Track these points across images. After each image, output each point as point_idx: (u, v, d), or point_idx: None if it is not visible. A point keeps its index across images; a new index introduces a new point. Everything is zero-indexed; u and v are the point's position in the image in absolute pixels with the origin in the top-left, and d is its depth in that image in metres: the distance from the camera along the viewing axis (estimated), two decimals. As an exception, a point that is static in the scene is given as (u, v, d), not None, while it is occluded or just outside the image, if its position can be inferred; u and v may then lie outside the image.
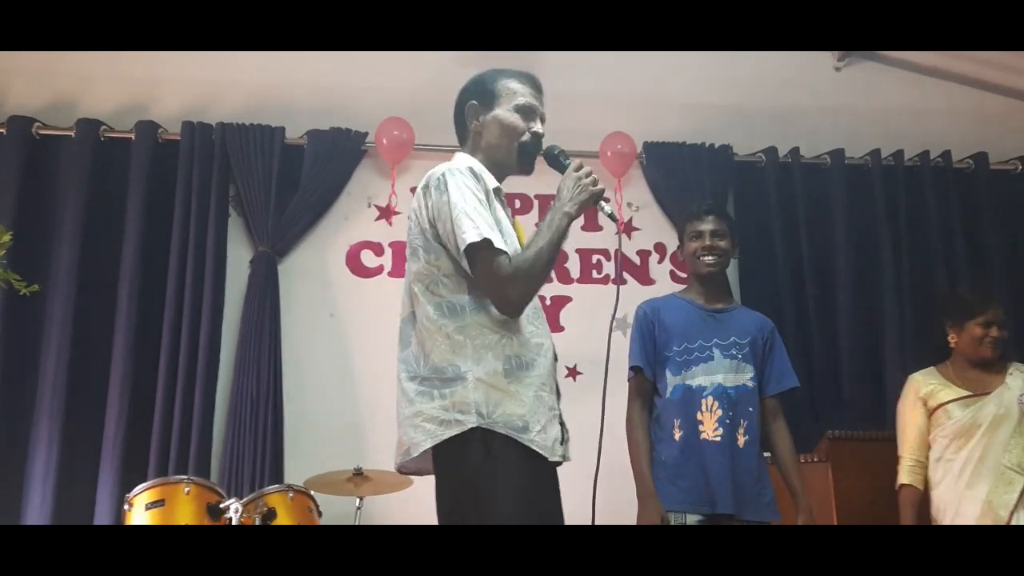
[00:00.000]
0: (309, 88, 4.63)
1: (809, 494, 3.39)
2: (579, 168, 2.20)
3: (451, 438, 1.96)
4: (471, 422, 1.96)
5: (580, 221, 4.61)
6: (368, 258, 4.57)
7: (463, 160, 2.24)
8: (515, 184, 4.58)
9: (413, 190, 4.54)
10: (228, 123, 4.48)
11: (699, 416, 2.66)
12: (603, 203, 2.18)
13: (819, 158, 4.88)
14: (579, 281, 4.66)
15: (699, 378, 2.70)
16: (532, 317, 2.12)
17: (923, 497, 3.18)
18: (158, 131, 4.44)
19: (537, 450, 1.97)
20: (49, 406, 4.03)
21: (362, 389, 4.31)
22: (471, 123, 2.29)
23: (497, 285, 2.01)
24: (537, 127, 2.27)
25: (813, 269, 4.69)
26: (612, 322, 2.32)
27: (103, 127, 4.42)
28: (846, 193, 4.80)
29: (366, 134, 4.59)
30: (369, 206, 4.63)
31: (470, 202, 2.05)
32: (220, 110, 4.57)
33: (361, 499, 3.77)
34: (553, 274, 4.59)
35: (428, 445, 1.99)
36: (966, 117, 5.08)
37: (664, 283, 4.62)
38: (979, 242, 4.83)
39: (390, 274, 4.49)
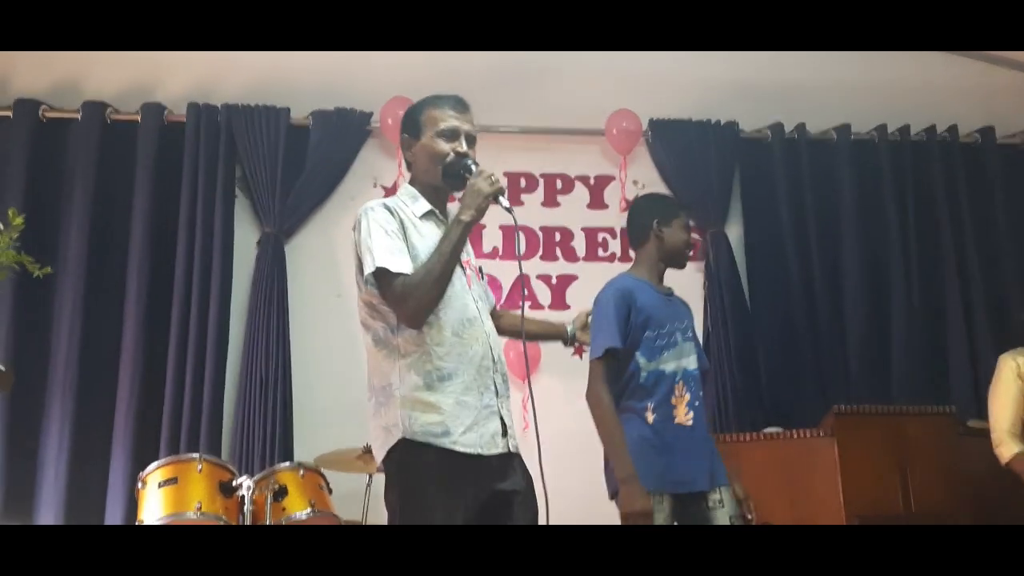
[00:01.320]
0: (313, 68, 4.62)
1: (815, 470, 3.45)
2: (479, 174, 2.32)
3: (389, 449, 2.24)
4: (398, 434, 2.22)
5: (586, 199, 4.73)
6: (375, 238, 4.57)
7: (402, 192, 2.46)
8: (520, 163, 4.68)
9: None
10: (233, 104, 4.49)
11: (673, 401, 2.68)
12: (501, 199, 2.30)
13: (825, 134, 4.87)
14: (585, 259, 4.67)
15: (670, 363, 2.71)
16: (459, 328, 2.29)
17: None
18: (164, 113, 4.45)
19: (462, 450, 2.20)
20: (61, 386, 4.07)
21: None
22: (406, 155, 2.49)
23: (394, 304, 2.25)
24: (461, 147, 2.38)
25: (819, 245, 4.70)
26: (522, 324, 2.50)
27: (109, 109, 4.43)
28: (852, 169, 4.79)
29: (371, 114, 4.59)
30: (375, 186, 4.64)
31: (375, 236, 2.27)
32: (225, 91, 4.57)
33: (371, 476, 3.80)
34: (559, 252, 4.62)
35: (380, 455, 2.29)
36: (973, 91, 5.06)
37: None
38: (986, 216, 4.82)
39: (397, 254, 4.51)
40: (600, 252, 4.69)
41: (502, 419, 2.30)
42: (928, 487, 3.45)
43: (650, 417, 2.67)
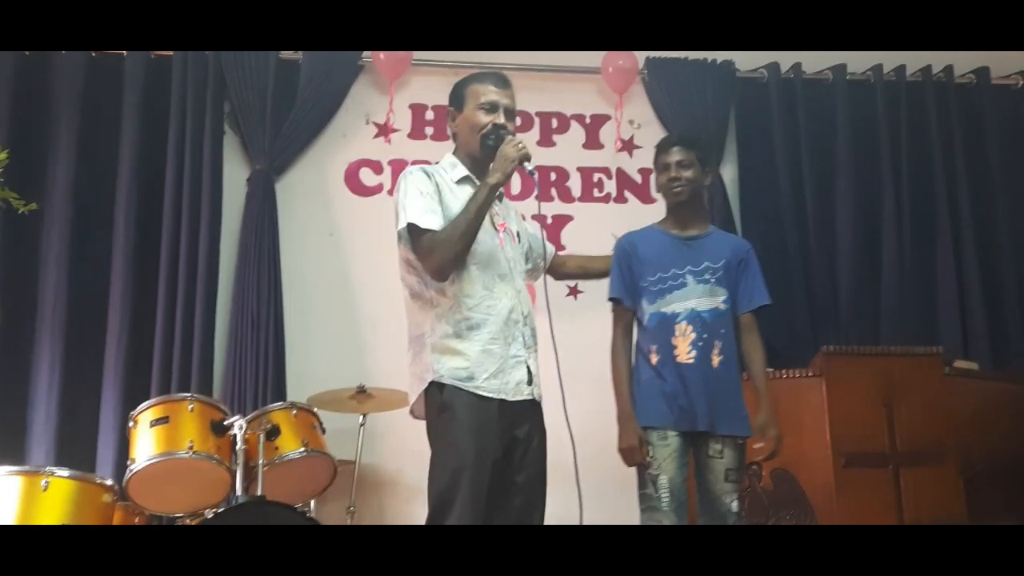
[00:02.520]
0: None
1: (804, 409, 3.49)
2: (508, 141, 2.52)
3: (423, 392, 2.47)
4: (429, 378, 2.45)
5: (581, 139, 4.69)
6: (367, 176, 4.55)
7: (444, 159, 2.67)
8: (518, 102, 4.58)
9: (412, 107, 4.58)
10: (221, 38, 4.41)
11: (673, 340, 2.78)
12: (526, 164, 2.52)
13: (821, 73, 4.82)
14: (580, 200, 4.64)
15: (673, 305, 2.81)
16: (489, 283, 2.50)
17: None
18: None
19: (486, 395, 2.41)
20: (50, 325, 4.04)
21: (363, 308, 4.33)
22: (450, 127, 2.70)
23: (422, 258, 2.46)
24: (499, 119, 2.57)
25: (814, 184, 4.68)
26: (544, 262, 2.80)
27: (94, 43, 4.34)
28: (848, 108, 4.76)
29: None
30: (367, 123, 4.58)
31: (410, 196, 2.48)
32: (213, 25, 4.49)
33: (364, 416, 3.83)
34: (554, 192, 4.60)
35: (413, 398, 2.52)
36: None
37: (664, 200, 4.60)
38: (979, 158, 4.81)
39: (389, 192, 4.45)
40: (596, 192, 4.66)
41: (529, 369, 2.51)
42: (913, 426, 3.50)
43: (654, 358, 2.80)
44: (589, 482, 2.55)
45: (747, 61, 4.78)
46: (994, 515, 3.41)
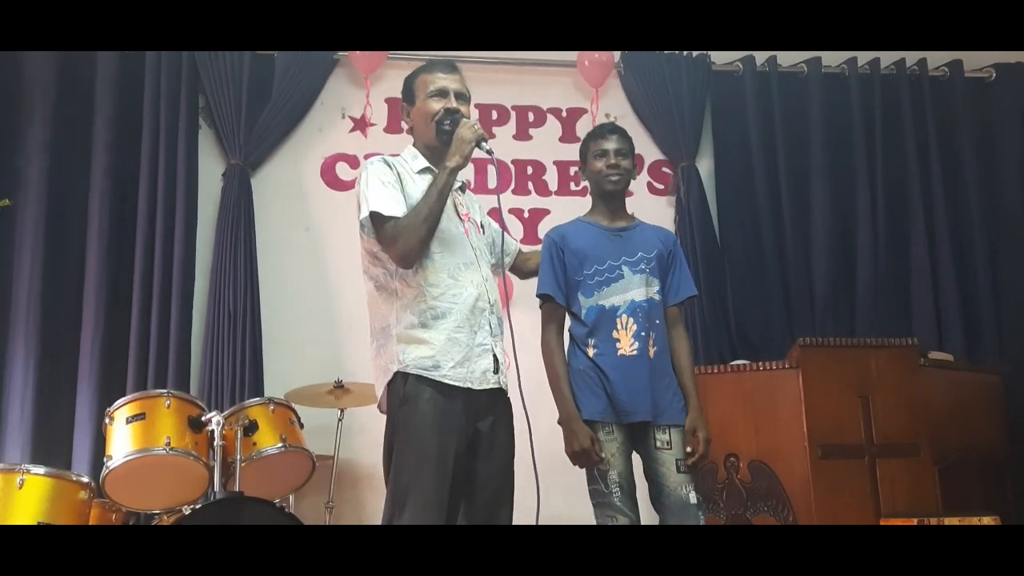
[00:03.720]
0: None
1: (781, 401, 3.51)
2: (463, 124, 2.51)
3: (387, 384, 2.44)
4: (394, 368, 2.42)
5: (558, 132, 4.70)
6: (343, 171, 4.53)
7: (405, 151, 2.65)
8: (492, 95, 4.63)
9: (388, 101, 4.57)
10: (196, 32, 4.37)
11: (616, 334, 2.71)
12: (483, 144, 2.50)
13: (796, 67, 4.85)
14: (557, 193, 4.66)
15: (612, 297, 2.74)
16: (455, 271, 2.48)
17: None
18: (124, 40, 4.33)
19: (452, 383, 2.40)
20: (25, 321, 4.00)
21: (340, 302, 4.32)
22: (405, 121, 2.69)
23: (386, 246, 2.44)
24: (450, 103, 2.56)
25: (789, 177, 4.71)
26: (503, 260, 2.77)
27: (67, 36, 4.30)
28: (823, 101, 4.80)
29: (338, 43, 4.50)
30: (343, 117, 4.57)
31: (372, 185, 2.46)
32: (187, 18, 4.45)
33: (342, 411, 3.82)
34: (531, 186, 4.61)
35: (380, 391, 2.49)
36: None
37: (641, 194, 4.63)
38: (952, 151, 4.86)
39: (366, 187, 4.46)
40: (572, 186, 4.67)
41: (495, 357, 2.50)
42: (889, 417, 3.52)
43: (591, 351, 2.72)
44: (558, 475, 2.56)
45: (722, 55, 4.81)
46: (968, 505, 3.45)
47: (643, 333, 2.71)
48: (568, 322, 2.81)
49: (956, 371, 4.02)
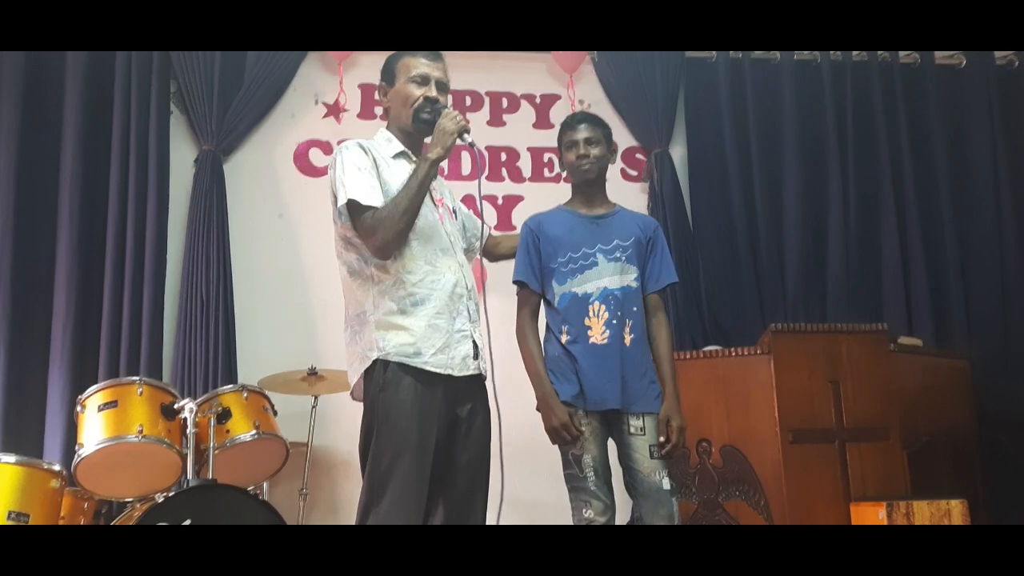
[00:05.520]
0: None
1: (753, 386, 3.54)
2: (446, 115, 2.49)
3: (365, 371, 2.42)
4: (373, 356, 2.40)
5: (532, 119, 4.69)
6: (316, 157, 4.51)
7: (378, 135, 2.62)
8: (465, 81, 4.61)
9: (362, 87, 4.55)
10: (166, 16, 4.33)
11: (587, 322, 2.72)
12: (465, 136, 2.48)
13: (769, 54, 4.87)
14: (531, 180, 4.66)
15: (585, 285, 2.75)
16: (432, 258, 2.47)
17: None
18: (93, 24, 4.27)
19: (433, 370, 2.39)
20: (-7, 309, 3.97)
21: (314, 289, 4.31)
22: (382, 101, 2.65)
23: (364, 237, 2.41)
24: (431, 92, 2.55)
25: (762, 164, 4.74)
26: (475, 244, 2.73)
27: (35, 20, 4.24)
28: (795, 88, 4.83)
29: (311, 28, 4.47)
30: (317, 103, 4.54)
31: (348, 172, 2.43)
32: (158, 2, 4.40)
33: (316, 398, 3.82)
34: (505, 173, 4.61)
35: (355, 379, 2.47)
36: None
37: (614, 181, 4.58)
38: (922, 137, 4.90)
39: (340, 173, 4.44)
40: (546, 172, 4.67)
41: (474, 342, 2.50)
42: (859, 402, 3.56)
43: (564, 338, 2.73)
44: (531, 461, 2.57)
45: (696, 42, 4.82)
46: (937, 489, 3.50)
47: (615, 321, 2.71)
48: (543, 309, 2.83)
49: (925, 356, 4.07)
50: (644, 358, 2.76)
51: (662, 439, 2.66)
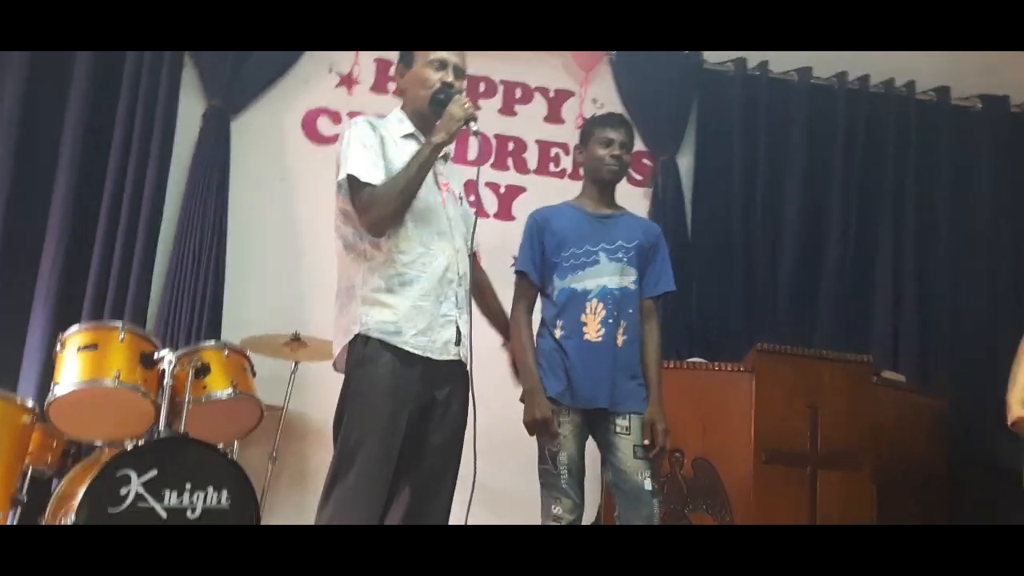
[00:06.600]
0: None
1: (732, 402, 3.54)
2: (455, 101, 2.47)
3: (347, 344, 2.44)
4: (355, 330, 2.42)
5: (543, 112, 4.69)
6: (325, 125, 4.49)
7: (392, 114, 2.64)
8: (481, 68, 4.60)
9: (377, 61, 4.53)
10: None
11: (583, 318, 2.75)
12: (471, 124, 2.47)
13: (787, 74, 4.87)
14: (536, 172, 4.64)
15: (585, 281, 2.78)
16: (427, 240, 2.48)
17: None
18: (116, -33, 4.25)
19: (412, 351, 2.40)
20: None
21: (306, 256, 4.29)
22: (399, 82, 2.66)
23: (360, 212, 2.43)
24: (448, 76, 2.55)
25: (766, 182, 4.73)
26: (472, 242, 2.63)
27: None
28: (809, 112, 4.82)
29: (334, -4, 4.45)
30: (331, 71, 4.53)
31: (352, 147, 2.44)
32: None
33: (296, 364, 3.81)
34: (510, 162, 4.60)
35: (337, 351, 2.49)
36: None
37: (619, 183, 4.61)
38: (930, 175, 4.89)
39: (346, 143, 4.42)
40: (551, 167, 4.66)
41: (458, 328, 2.49)
42: (836, 430, 3.56)
43: (558, 333, 2.76)
44: (507, 452, 2.56)
45: (715, 54, 4.81)
46: (902, 523, 3.51)
47: (611, 320, 2.74)
48: (540, 302, 2.85)
49: (906, 392, 4.08)
50: (635, 360, 2.78)
51: (647, 441, 2.67)
